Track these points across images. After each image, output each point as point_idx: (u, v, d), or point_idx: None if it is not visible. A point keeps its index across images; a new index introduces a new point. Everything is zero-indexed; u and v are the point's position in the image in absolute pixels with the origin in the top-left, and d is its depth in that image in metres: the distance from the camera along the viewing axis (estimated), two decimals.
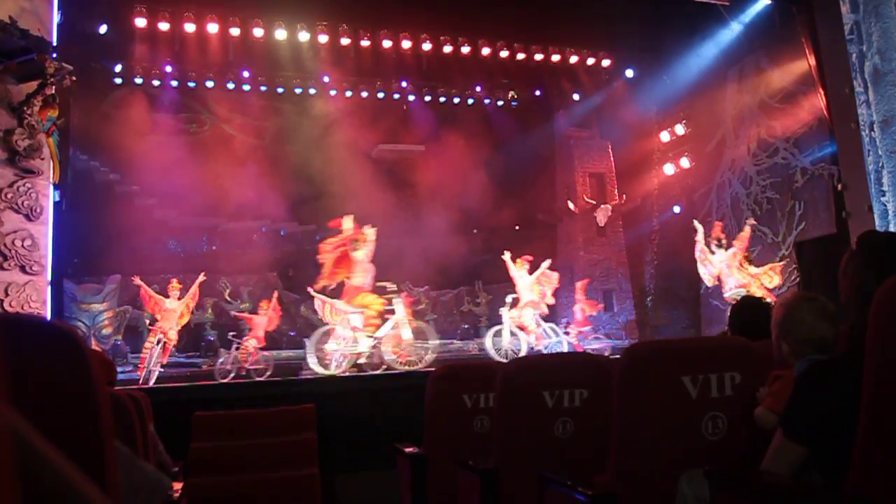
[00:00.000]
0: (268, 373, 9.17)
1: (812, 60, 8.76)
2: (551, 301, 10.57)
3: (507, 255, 10.54)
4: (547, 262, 10.57)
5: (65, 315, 10.13)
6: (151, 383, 8.14)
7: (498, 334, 10.18)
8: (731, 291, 9.27)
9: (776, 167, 10.38)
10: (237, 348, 9.53)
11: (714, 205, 11.83)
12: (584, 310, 11.26)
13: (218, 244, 13.58)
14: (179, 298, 8.92)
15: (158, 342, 8.58)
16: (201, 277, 9.28)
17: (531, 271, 10.48)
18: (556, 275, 10.69)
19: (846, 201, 8.06)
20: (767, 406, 2.38)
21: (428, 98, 12.67)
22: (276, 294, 10.60)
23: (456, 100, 12.81)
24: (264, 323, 9.86)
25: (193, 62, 10.99)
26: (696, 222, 10.15)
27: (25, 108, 6.27)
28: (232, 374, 9.06)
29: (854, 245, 2.06)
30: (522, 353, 9.82)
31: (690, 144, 12.59)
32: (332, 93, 12.18)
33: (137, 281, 9.10)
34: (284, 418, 6.12)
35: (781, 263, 9.72)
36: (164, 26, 10.16)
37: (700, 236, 9.75)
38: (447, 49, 11.38)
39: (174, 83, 11.57)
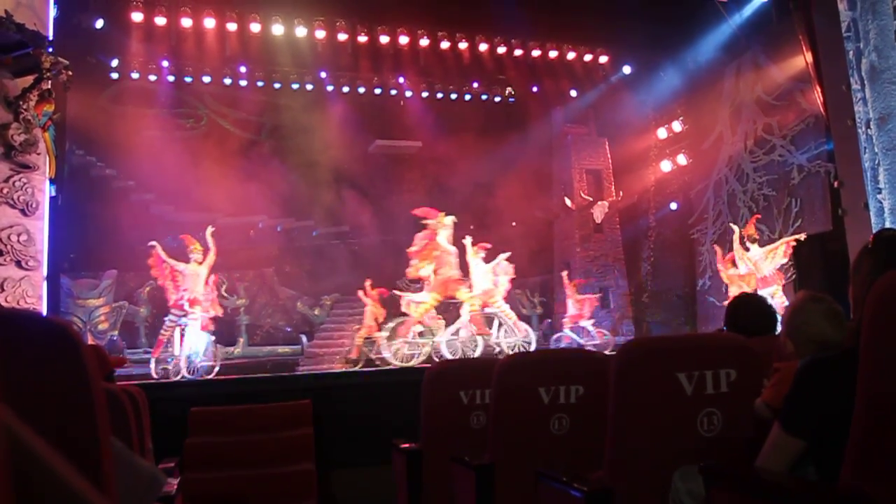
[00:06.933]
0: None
1: (809, 57, 8.75)
2: (505, 289, 10.39)
3: (467, 240, 10.36)
4: (505, 255, 10.40)
5: (61, 311, 10.11)
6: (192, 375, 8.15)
7: (456, 333, 10.21)
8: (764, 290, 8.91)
9: (773, 164, 10.39)
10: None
11: (711, 202, 11.84)
12: (577, 303, 11.13)
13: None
14: (201, 262, 8.08)
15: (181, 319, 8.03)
16: (210, 230, 8.44)
17: (487, 260, 10.39)
18: (512, 266, 10.46)
19: (842, 198, 8.05)
20: (764, 399, 2.40)
21: (425, 94, 12.65)
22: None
23: (453, 96, 12.78)
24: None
25: (190, 57, 10.95)
26: (732, 225, 10.10)
27: (21, 103, 6.25)
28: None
29: (870, 242, 2.01)
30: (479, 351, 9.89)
31: (687, 141, 12.60)
32: (329, 88, 12.15)
33: (153, 244, 8.36)
34: (281, 414, 6.13)
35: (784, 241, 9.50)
36: (160, 21, 10.12)
37: (736, 236, 9.63)
38: (444, 45, 11.36)
39: (171, 78, 11.51)
